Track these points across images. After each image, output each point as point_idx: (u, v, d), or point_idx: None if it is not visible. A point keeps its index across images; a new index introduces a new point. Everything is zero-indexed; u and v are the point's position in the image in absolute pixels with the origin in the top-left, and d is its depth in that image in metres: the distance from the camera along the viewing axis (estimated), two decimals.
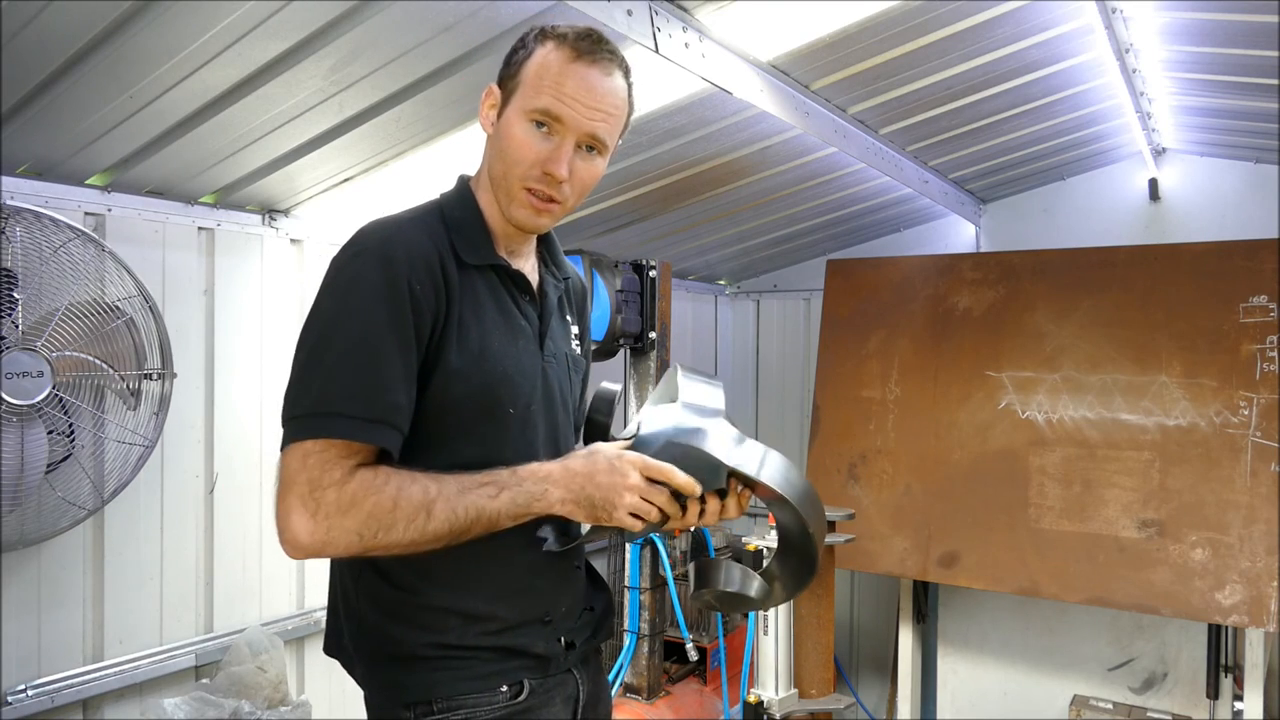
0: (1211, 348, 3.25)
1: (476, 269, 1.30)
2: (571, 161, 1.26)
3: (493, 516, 1.18)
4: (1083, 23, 2.55)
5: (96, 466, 2.04)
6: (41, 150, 2.02)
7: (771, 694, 3.06)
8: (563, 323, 1.46)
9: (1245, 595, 2.97)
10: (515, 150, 1.26)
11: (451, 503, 1.16)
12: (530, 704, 1.30)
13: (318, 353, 1.19)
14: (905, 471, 3.70)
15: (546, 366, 1.36)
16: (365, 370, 1.17)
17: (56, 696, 2.12)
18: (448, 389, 1.23)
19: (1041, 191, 4.31)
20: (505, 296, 1.33)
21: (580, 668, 1.41)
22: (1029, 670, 3.87)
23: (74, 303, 1.94)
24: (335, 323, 1.19)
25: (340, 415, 1.15)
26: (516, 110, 1.26)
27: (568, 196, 1.29)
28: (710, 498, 1.24)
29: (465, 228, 1.31)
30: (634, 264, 3.29)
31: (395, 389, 1.18)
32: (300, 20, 1.71)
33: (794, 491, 1.24)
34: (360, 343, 1.17)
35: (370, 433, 1.16)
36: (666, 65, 2.05)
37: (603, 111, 1.26)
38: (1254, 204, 3.82)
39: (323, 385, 1.17)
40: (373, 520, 1.13)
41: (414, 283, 1.20)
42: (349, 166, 2.38)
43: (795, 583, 1.34)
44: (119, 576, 2.27)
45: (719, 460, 1.21)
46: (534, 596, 1.32)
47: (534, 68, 1.25)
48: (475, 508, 1.17)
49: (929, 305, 3.85)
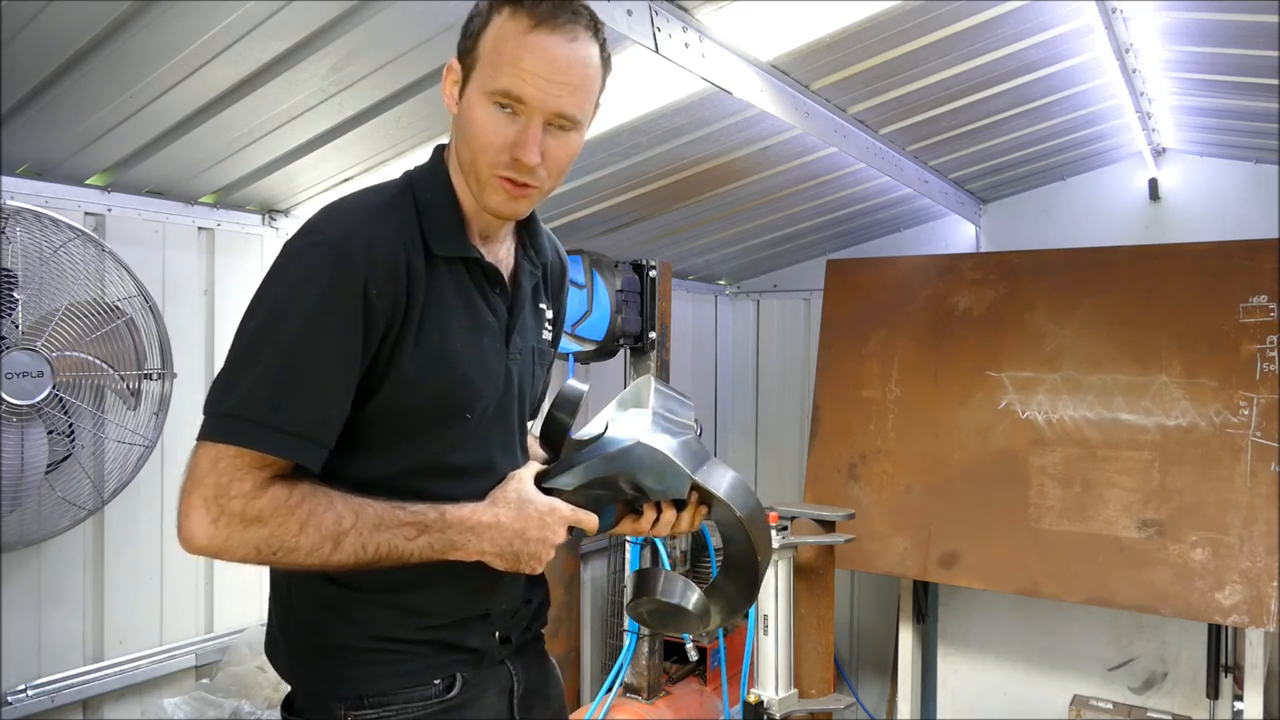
0: (1211, 348, 3.25)
1: (445, 261, 1.21)
2: (542, 143, 1.14)
3: (404, 556, 1.15)
4: (1083, 23, 2.55)
5: (96, 466, 2.04)
6: (41, 150, 2.02)
7: (771, 694, 3.06)
8: (535, 312, 1.38)
9: (1245, 595, 2.97)
10: (480, 135, 1.15)
11: (363, 538, 1.12)
12: (464, 698, 1.27)
13: (252, 347, 1.11)
14: (905, 471, 3.69)
15: (510, 365, 1.29)
16: (298, 380, 1.10)
17: (56, 696, 2.12)
18: (400, 394, 1.17)
19: (1041, 191, 4.31)
20: (473, 291, 1.24)
21: (514, 659, 1.38)
22: (1029, 670, 3.87)
23: (74, 303, 1.94)
24: (276, 319, 1.10)
25: (261, 425, 1.08)
26: (476, 91, 1.15)
27: (544, 180, 1.18)
28: (667, 508, 1.25)
29: (436, 211, 1.22)
30: (634, 264, 3.29)
31: (327, 402, 1.12)
32: (300, 20, 1.71)
33: (749, 514, 1.25)
34: (298, 347, 1.09)
35: (290, 448, 1.09)
36: (666, 65, 2.04)
37: (570, 85, 1.13)
38: (1254, 204, 3.81)
39: (250, 387, 1.09)
40: (274, 540, 1.08)
41: (370, 286, 1.11)
42: (349, 166, 2.38)
43: (734, 606, 1.35)
44: (119, 576, 2.27)
45: (685, 470, 1.22)
46: (475, 593, 1.28)
47: (490, 40, 1.13)
48: (388, 546, 1.13)
49: (929, 305, 3.85)
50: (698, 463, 1.25)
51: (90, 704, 2.22)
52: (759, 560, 1.27)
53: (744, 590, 1.32)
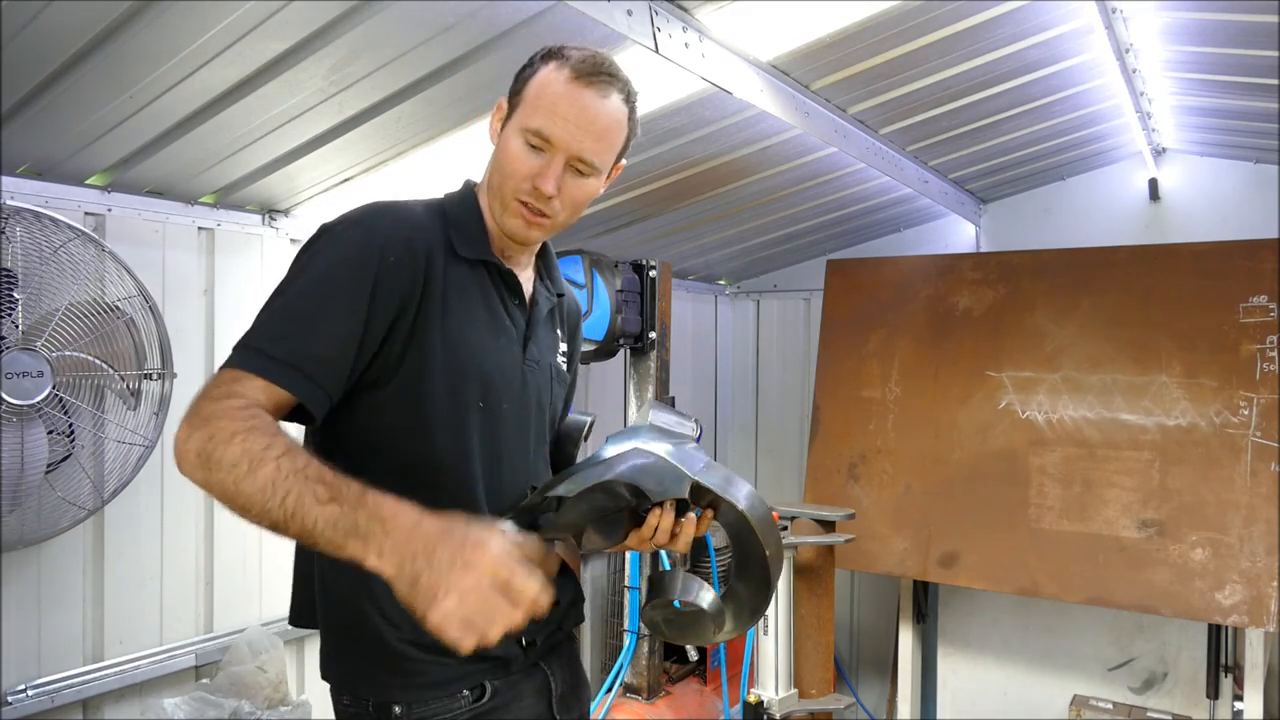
0: (1211, 348, 3.25)
1: (469, 263, 1.32)
2: (560, 178, 1.28)
3: (307, 521, 1.01)
4: (1083, 23, 2.55)
5: (96, 466, 2.04)
6: (41, 150, 2.02)
7: (771, 694, 3.06)
8: (551, 334, 1.46)
9: (1245, 595, 2.97)
10: (509, 163, 1.29)
11: (280, 474, 1.02)
12: (495, 704, 1.30)
13: (272, 297, 1.22)
14: (905, 471, 3.69)
15: (527, 370, 1.37)
16: (301, 319, 1.19)
17: (56, 696, 2.12)
18: (417, 376, 1.24)
19: (1041, 191, 4.31)
20: (494, 294, 1.35)
21: (549, 658, 1.41)
22: (1029, 670, 3.87)
23: (74, 303, 1.94)
24: (296, 275, 1.23)
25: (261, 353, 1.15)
26: (515, 126, 1.30)
27: (558, 212, 1.31)
28: (666, 513, 1.25)
29: (463, 224, 1.34)
30: (634, 264, 3.29)
31: (327, 343, 1.18)
32: (300, 20, 1.71)
33: (750, 506, 1.25)
34: (308, 291, 1.20)
35: (282, 375, 1.14)
36: (666, 65, 2.04)
37: (594, 133, 1.28)
38: (1254, 204, 3.81)
39: (258, 324, 1.19)
40: (210, 443, 1.04)
41: (388, 253, 1.22)
42: (349, 166, 2.38)
43: (749, 609, 1.34)
44: (119, 576, 2.27)
45: (683, 470, 1.23)
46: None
47: (535, 86, 1.29)
48: (296, 497, 1.01)
49: (929, 305, 3.85)
50: (696, 465, 1.26)
51: (90, 704, 2.22)
52: (768, 556, 1.27)
53: (758, 591, 1.32)
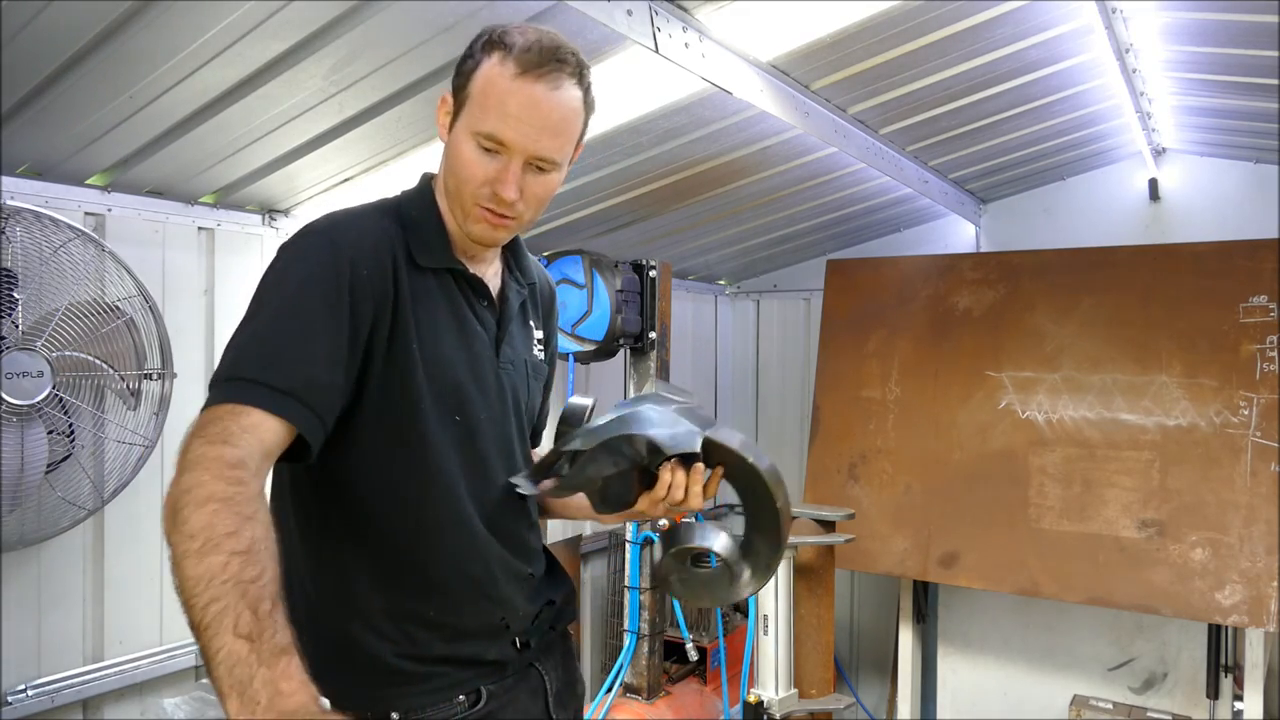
0: (1211, 348, 3.25)
1: (432, 272, 1.26)
2: (521, 180, 1.21)
3: (213, 647, 0.88)
4: (1083, 23, 2.55)
5: (96, 466, 2.04)
6: (41, 150, 2.02)
7: (771, 694, 3.06)
8: (524, 328, 1.43)
9: (1245, 595, 2.97)
10: (463, 169, 1.22)
11: (225, 575, 0.88)
12: (490, 708, 1.29)
13: (242, 326, 1.13)
14: (905, 471, 3.69)
15: (502, 373, 1.33)
16: (287, 343, 1.10)
17: (56, 696, 2.12)
18: (392, 395, 1.20)
19: (1041, 191, 4.31)
20: (460, 301, 1.29)
21: (543, 658, 1.39)
22: (1029, 670, 3.87)
23: (74, 303, 1.94)
24: (267, 298, 1.14)
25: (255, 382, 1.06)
26: (464, 129, 1.22)
27: (522, 213, 1.25)
28: (677, 470, 1.24)
29: (421, 229, 1.27)
30: (634, 264, 3.29)
31: (317, 366, 1.11)
32: (300, 20, 1.71)
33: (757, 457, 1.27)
34: (287, 312, 1.12)
35: (281, 405, 1.06)
36: (666, 65, 2.04)
37: (550, 130, 1.20)
38: (1254, 204, 3.81)
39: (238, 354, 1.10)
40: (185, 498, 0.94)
41: (360, 266, 1.16)
42: (349, 166, 2.38)
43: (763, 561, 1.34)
44: (119, 576, 2.27)
45: (695, 427, 1.24)
46: (493, 602, 1.30)
47: (480, 82, 1.20)
48: (219, 611, 0.87)
49: (929, 305, 3.85)
50: (706, 423, 1.27)
51: (90, 704, 2.22)
52: (778, 506, 1.27)
53: (771, 545, 1.32)
